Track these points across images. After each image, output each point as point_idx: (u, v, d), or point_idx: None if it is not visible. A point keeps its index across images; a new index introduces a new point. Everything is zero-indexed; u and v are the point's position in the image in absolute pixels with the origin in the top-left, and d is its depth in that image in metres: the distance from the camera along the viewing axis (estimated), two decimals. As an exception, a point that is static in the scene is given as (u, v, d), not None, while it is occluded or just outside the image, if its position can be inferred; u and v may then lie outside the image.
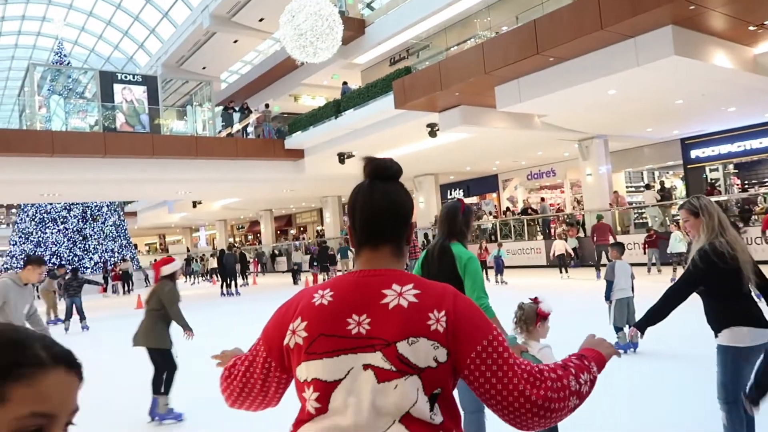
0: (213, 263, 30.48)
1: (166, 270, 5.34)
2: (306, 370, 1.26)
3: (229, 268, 19.22)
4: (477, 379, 1.24)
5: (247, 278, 23.58)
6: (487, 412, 3.10)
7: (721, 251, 2.95)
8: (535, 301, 3.16)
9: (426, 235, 24.93)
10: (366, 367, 1.22)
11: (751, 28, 10.78)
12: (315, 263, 18.75)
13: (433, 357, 1.22)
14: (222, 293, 19.19)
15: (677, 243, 13.18)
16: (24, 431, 0.68)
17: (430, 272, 3.23)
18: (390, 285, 1.29)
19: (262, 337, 1.39)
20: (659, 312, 3.06)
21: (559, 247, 15.88)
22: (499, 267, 15.80)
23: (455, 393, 1.37)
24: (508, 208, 26.23)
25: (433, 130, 16.96)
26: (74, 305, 12.43)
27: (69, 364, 0.74)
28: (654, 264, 14.68)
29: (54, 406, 0.70)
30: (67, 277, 13.37)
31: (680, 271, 12.85)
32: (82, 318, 12.46)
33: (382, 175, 1.40)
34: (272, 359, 1.34)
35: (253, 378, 1.39)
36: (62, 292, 13.41)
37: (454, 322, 1.24)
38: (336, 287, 1.33)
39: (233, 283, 19.36)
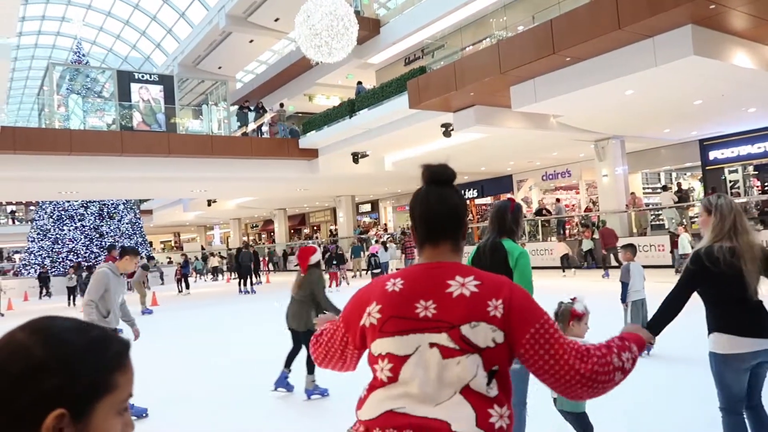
0: (214, 262, 30.83)
1: (313, 259, 5.74)
2: (380, 346, 1.49)
3: (244, 266, 19.50)
4: (531, 357, 1.44)
5: (260, 276, 23.68)
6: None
7: (716, 256, 2.86)
8: (573, 300, 3.29)
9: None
10: (432, 345, 1.43)
11: (772, 27, 10.60)
12: (334, 262, 18.90)
13: (491, 338, 1.42)
14: (240, 290, 19.49)
15: (686, 244, 13.22)
16: (122, 411, 0.80)
17: (481, 267, 3.23)
18: (453, 276, 1.50)
19: (341, 317, 1.66)
20: (663, 317, 2.97)
21: (560, 249, 15.93)
22: None
23: None
24: (532, 210, 26.08)
25: (447, 130, 16.90)
26: None
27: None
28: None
29: (132, 386, 0.84)
30: (85, 275, 13.82)
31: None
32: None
33: (438, 180, 1.65)
34: (349, 336, 1.61)
35: (333, 348, 1.69)
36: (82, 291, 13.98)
37: (510, 309, 1.44)
38: (406, 277, 1.55)
39: (249, 281, 19.57)
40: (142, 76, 22.54)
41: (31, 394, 0.71)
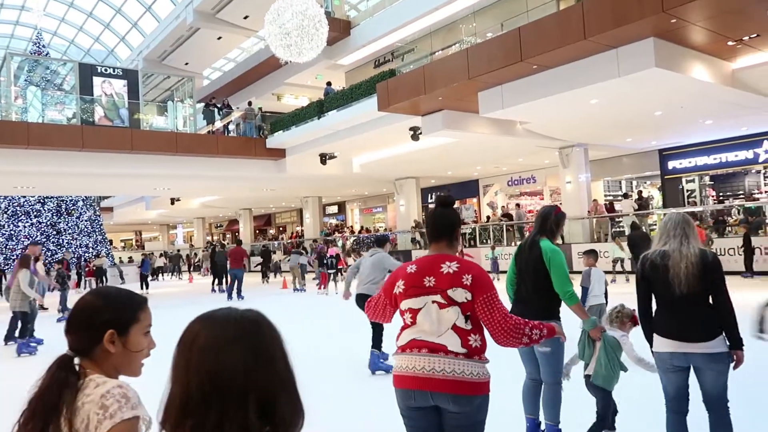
0: (159, 262, 30.54)
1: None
2: (405, 304, 2.52)
3: (220, 265, 19.46)
4: (482, 311, 2.42)
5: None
6: (565, 385, 3.91)
7: (648, 259, 3.20)
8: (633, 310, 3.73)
9: (413, 239, 24.95)
10: (433, 302, 2.44)
11: (730, 43, 10.97)
12: (325, 262, 17.67)
13: (464, 297, 2.42)
14: (213, 290, 19.68)
15: (617, 250, 14.92)
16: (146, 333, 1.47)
17: (522, 261, 3.93)
18: (444, 262, 2.51)
19: (382, 290, 2.73)
20: (644, 324, 3.31)
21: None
22: (496, 268, 17.55)
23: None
24: (489, 216, 26.38)
25: (415, 133, 16.97)
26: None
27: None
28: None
29: (151, 320, 1.50)
30: (59, 270, 14.56)
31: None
32: (63, 310, 13.43)
33: (443, 203, 2.72)
34: (387, 300, 2.67)
35: (378, 307, 2.75)
36: (58, 285, 14.23)
37: (474, 281, 2.44)
38: (418, 263, 2.59)
39: (224, 280, 19.38)
40: (105, 70, 21.98)
41: (97, 321, 1.40)
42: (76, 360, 1.37)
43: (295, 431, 1.06)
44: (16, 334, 9.49)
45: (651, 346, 3.26)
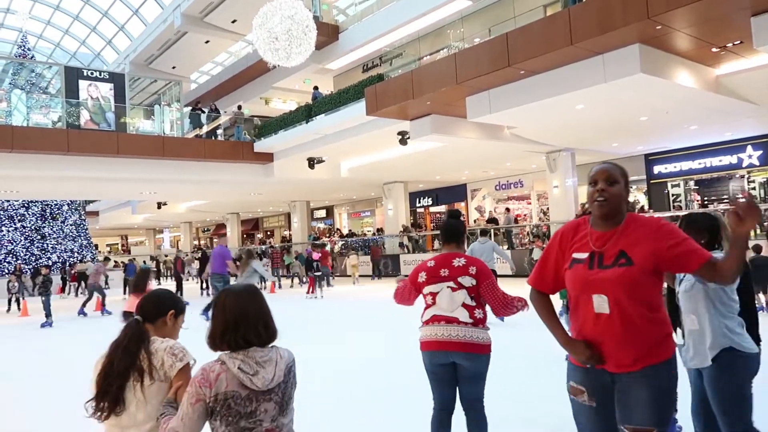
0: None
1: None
2: (427, 289, 3.40)
3: (174, 273, 20.07)
4: (486, 293, 3.33)
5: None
6: None
7: None
8: None
9: (401, 243, 24.95)
10: (448, 287, 3.33)
11: (714, 49, 11.11)
12: (313, 266, 17.44)
13: (470, 283, 3.33)
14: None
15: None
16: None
17: None
18: (455, 258, 3.42)
19: (409, 278, 3.54)
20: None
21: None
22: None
23: None
24: (476, 219, 26.45)
25: (403, 138, 17.00)
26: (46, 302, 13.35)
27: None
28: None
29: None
30: (41, 277, 14.33)
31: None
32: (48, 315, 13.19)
33: (453, 216, 3.69)
34: (413, 286, 3.49)
35: (405, 293, 3.56)
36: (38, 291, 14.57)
37: (478, 271, 3.36)
38: (435, 259, 3.47)
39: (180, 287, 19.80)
40: (92, 73, 21.81)
41: (166, 304, 2.30)
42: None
43: (274, 339, 1.99)
44: None
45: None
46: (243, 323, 1.91)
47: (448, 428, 3.43)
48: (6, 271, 26.47)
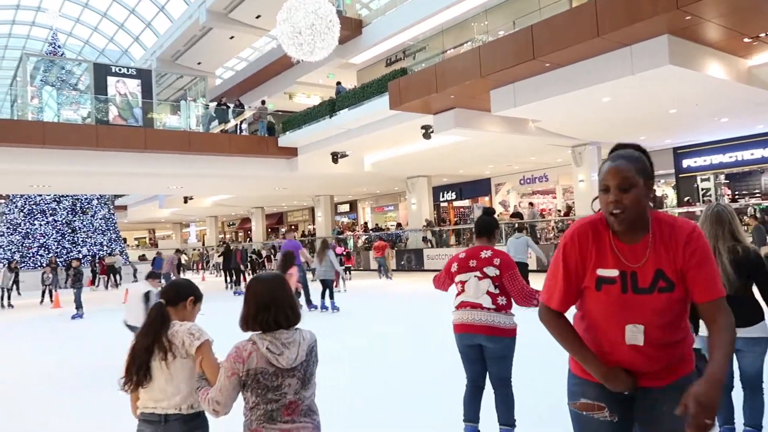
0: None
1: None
2: (458, 278, 3.86)
3: (233, 263, 20.06)
4: (508, 283, 3.73)
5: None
6: None
7: None
8: None
9: (424, 238, 24.92)
10: (475, 276, 3.78)
11: (746, 40, 10.84)
12: (339, 261, 17.39)
13: (494, 273, 3.74)
14: (226, 288, 20.31)
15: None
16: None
17: None
18: (483, 250, 3.84)
19: (444, 268, 4.01)
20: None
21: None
22: None
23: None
24: (500, 214, 26.26)
25: (427, 132, 16.95)
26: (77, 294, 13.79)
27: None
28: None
29: None
30: (72, 270, 14.74)
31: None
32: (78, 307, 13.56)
33: (486, 213, 4.12)
34: (447, 275, 3.98)
35: (441, 280, 4.06)
36: (71, 283, 14.63)
37: (501, 262, 3.77)
38: (466, 252, 3.90)
39: (239, 277, 20.00)
40: (120, 70, 22.19)
41: (187, 290, 2.62)
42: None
43: (298, 322, 2.25)
44: None
45: (695, 332, 3.53)
46: (274, 306, 2.17)
47: (478, 402, 3.86)
48: (39, 264, 27.13)
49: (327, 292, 11.81)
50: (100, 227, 31.24)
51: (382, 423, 4.68)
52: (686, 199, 20.56)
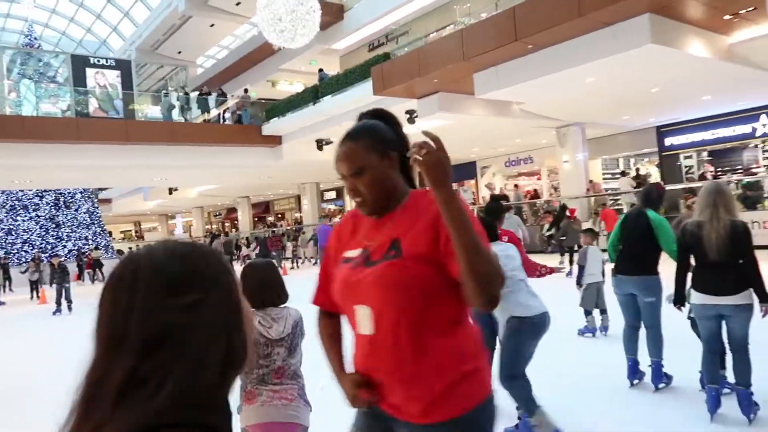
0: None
1: None
2: None
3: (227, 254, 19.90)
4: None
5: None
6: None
7: (687, 229, 3.88)
8: None
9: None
10: None
11: (726, 17, 10.89)
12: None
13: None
14: None
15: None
16: None
17: (628, 228, 4.76)
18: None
19: None
20: (678, 284, 4.02)
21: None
22: None
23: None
24: (489, 196, 26.35)
25: (411, 116, 16.91)
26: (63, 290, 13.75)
27: None
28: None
29: None
30: (61, 263, 14.47)
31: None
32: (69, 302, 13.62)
33: (493, 199, 6.60)
34: None
35: None
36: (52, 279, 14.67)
37: (509, 239, 4.16)
38: None
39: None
40: (98, 61, 21.87)
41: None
42: None
43: (286, 301, 2.62)
44: None
45: (676, 299, 4.03)
46: (266, 288, 2.52)
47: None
48: (24, 260, 26.84)
49: None
50: (85, 221, 30.91)
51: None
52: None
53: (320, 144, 21.00)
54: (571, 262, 12.78)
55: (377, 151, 1.65)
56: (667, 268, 4.33)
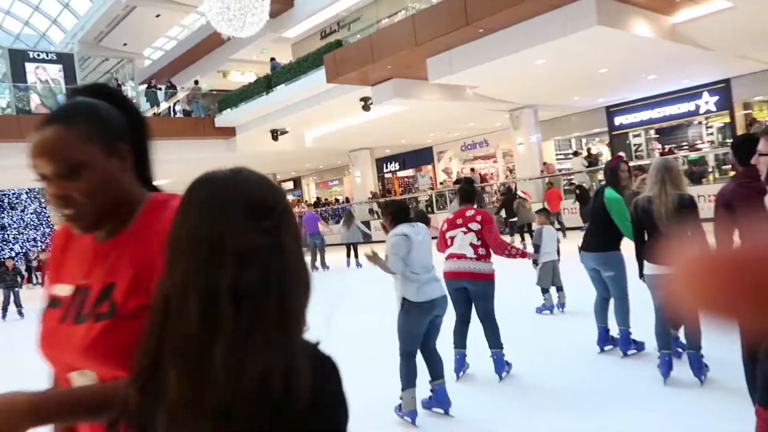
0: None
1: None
2: (448, 234, 4.74)
3: None
4: (486, 235, 4.57)
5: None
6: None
7: (638, 204, 4.07)
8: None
9: (371, 210, 24.97)
10: (461, 231, 4.65)
11: (668, -3, 11.20)
12: None
13: (477, 227, 4.60)
14: None
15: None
16: None
17: (593, 206, 5.03)
18: (467, 210, 4.75)
19: (439, 233, 4.84)
20: (637, 256, 4.20)
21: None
22: None
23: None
24: (443, 182, 26.57)
25: (366, 103, 16.85)
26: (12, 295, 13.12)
27: None
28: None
29: None
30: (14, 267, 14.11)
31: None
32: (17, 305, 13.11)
33: (467, 181, 5.20)
34: (441, 238, 4.80)
35: (440, 242, 4.82)
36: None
37: (483, 218, 4.65)
38: (455, 213, 4.80)
39: None
40: (38, 55, 20.96)
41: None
42: None
43: None
44: None
45: (640, 273, 4.16)
46: None
47: (465, 333, 4.70)
48: (-33, 265, 25.73)
49: (353, 252, 14.96)
50: (32, 222, 29.83)
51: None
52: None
53: (275, 134, 20.75)
54: (522, 239, 13.24)
55: (102, 143, 1.14)
56: (630, 242, 4.50)
